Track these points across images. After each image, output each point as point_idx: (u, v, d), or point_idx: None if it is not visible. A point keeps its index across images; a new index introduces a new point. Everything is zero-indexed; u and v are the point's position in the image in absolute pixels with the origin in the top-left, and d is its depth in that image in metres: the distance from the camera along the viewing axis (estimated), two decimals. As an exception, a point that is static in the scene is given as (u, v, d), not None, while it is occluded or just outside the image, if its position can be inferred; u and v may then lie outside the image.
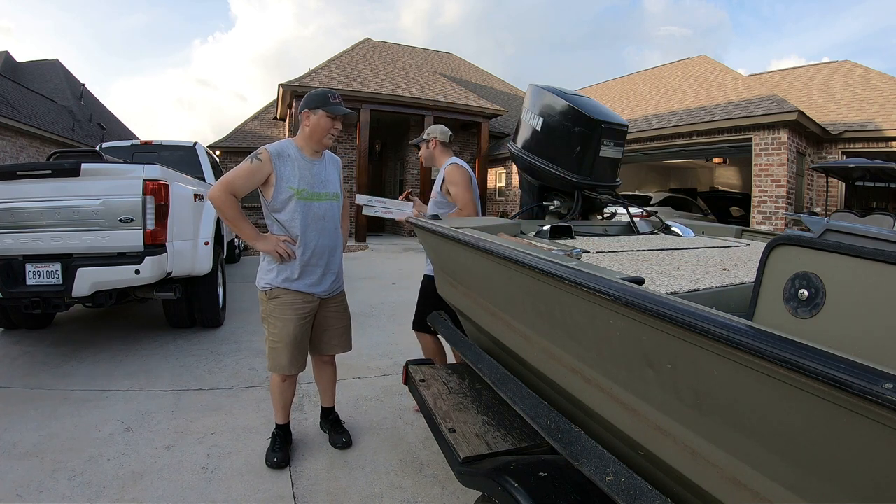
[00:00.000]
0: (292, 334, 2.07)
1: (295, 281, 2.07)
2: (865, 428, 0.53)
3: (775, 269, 0.78)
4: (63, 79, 18.44)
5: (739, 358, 0.66)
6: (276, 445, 2.20)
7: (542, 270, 1.06)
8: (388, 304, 5.38)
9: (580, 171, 2.28)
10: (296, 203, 2.02)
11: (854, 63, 12.75)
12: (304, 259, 2.06)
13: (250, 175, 1.97)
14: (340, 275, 2.27)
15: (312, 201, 2.06)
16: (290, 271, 2.06)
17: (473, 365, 1.63)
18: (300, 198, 2.02)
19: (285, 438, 2.26)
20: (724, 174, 15.92)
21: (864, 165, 7.49)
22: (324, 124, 2.04)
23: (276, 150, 2.01)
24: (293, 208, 2.02)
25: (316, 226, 2.08)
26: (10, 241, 3.09)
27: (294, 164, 2.03)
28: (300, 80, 11.80)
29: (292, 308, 2.07)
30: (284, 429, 2.27)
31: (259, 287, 2.12)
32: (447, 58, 21.16)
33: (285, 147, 2.05)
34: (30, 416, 2.57)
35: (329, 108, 2.03)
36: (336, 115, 2.04)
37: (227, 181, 1.97)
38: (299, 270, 2.06)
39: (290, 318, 2.07)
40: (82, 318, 4.66)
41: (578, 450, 1.04)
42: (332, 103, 2.05)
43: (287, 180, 2.01)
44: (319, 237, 2.09)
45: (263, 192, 2.05)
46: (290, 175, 2.01)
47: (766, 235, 2.31)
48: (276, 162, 1.99)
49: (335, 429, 2.39)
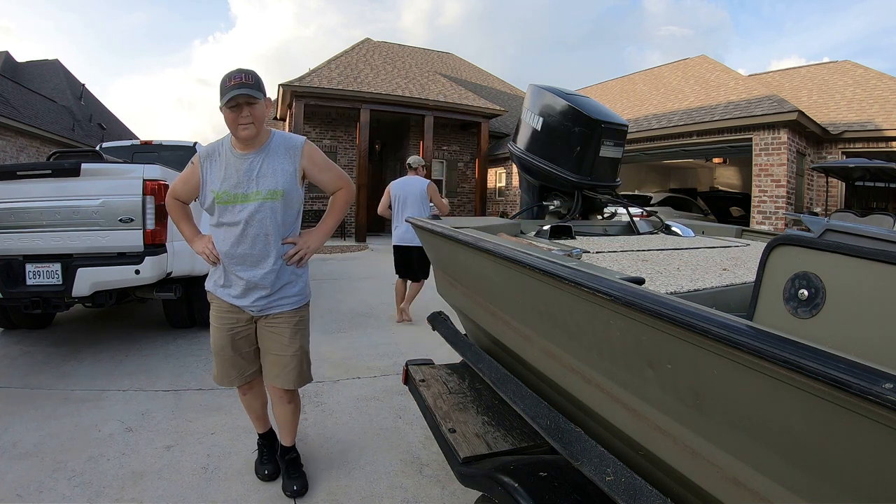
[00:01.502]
0: (218, 343, 1.90)
1: (220, 288, 1.89)
2: (865, 428, 0.53)
3: (775, 269, 0.78)
4: (63, 79, 18.44)
5: (739, 358, 0.66)
6: (263, 457, 2.12)
7: (542, 270, 1.06)
8: (388, 304, 5.38)
9: (580, 171, 2.29)
10: (218, 208, 1.80)
11: (854, 63, 12.76)
12: (223, 266, 1.86)
13: (186, 180, 1.88)
14: (284, 293, 1.87)
15: (234, 204, 1.78)
16: (217, 276, 1.89)
17: (473, 365, 1.63)
18: (220, 202, 1.79)
19: (271, 447, 2.14)
20: (724, 174, 15.92)
21: (864, 165, 7.49)
22: (228, 117, 1.72)
23: (206, 151, 1.84)
24: (218, 213, 1.81)
25: (232, 232, 1.79)
26: (10, 241, 3.09)
27: (221, 164, 1.81)
28: (300, 80, 11.80)
29: (218, 316, 1.90)
30: (267, 436, 2.15)
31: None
32: (447, 58, 21.16)
33: (218, 145, 1.85)
34: (30, 416, 2.57)
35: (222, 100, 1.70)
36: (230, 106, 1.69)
37: (171, 186, 1.95)
38: (223, 279, 1.87)
39: (216, 327, 1.90)
40: (82, 318, 4.66)
41: (578, 450, 1.04)
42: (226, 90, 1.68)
43: (210, 183, 1.81)
44: (237, 246, 1.79)
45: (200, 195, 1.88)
46: (213, 177, 1.81)
47: (766, 235, 2.31)
48: (203, 164, 1.83)
49: (289, 471, 2.02)
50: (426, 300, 4.68)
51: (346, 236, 12.96)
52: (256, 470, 2.11)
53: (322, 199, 13.19)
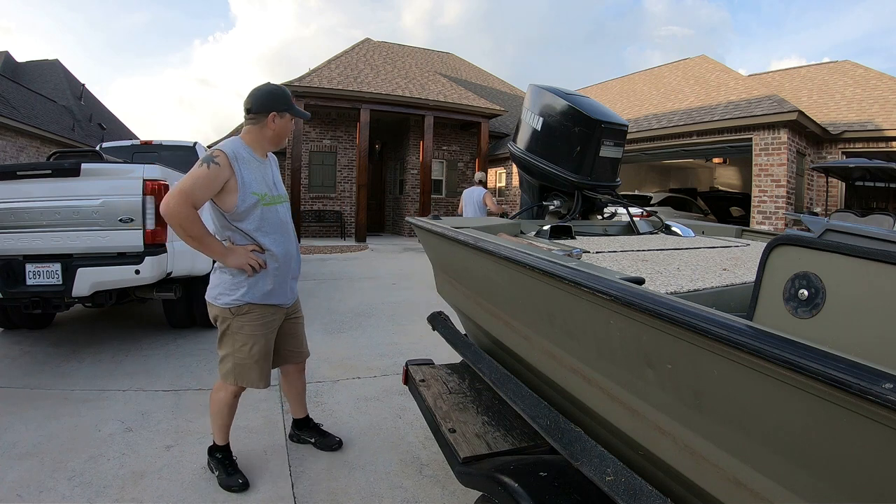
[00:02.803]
0: (265, 350, 1.93)
1: (269, 293, 1.90)
2: (865, 428, 0.53)
3: (775, 269, 0.78)
4: (63, 79, 18.44)
5: (739, 358, 0.66)
6: (229, 469, 2.01)
7: (542, 270, 1.06)
8: (388, 304, 5.38)
9: (580, 171, 2.28)
10: (262, 210, 1.84)
11: (854, 63, 12.75)
12: (276, 269, 1.89)
13: (210, 182, 1.73)
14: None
15: (276, 205, 1.91)
16: (263, 284, 1.87)
17: (473, 365, 1.63)
18: (265, 203, 1.84)
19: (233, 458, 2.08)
20: (724, 174, 15.93)
21: (864, 165, 7.48)
22: (287, 126, 1.92)
23: (231, 152, 1.79)
24: (259, 216, 1.83)
25: (283, 231, 1.92)
26: (10, 241, 3.09)
27: (250, 167, 1.84)
28: (300, 80, 11.79)
29: (263, 322, 1.91)
30: (228, 449, 2.08)
31: (221, 304, 1.87)
32: (447, 58, 21.16)
33: (237, 148, 1.83)
34: (30, 416, 2.56)
35: (296, 112, 1.94)
36: (303, 118, 2.04)
37: (185, 192, 1.68)
38: (273, 282, 1.89)
39: (262, 335, 1.91)
40: (82, 318, 4.66)
41: (578, 450, 1.04)
42: (296, 106, 1.96)
43: (250, 185, 1.81)
44: (286, 244, 1.93)
45: (219, 200, 1.79)
46: (251, 179, 1.82)
47: (766, 235, 2.31)
48: (234, 165, 1.78)
49: (322, 433, 2.32)
50: (426, 300, 4.68)
51: (345, 236, 12.96)
52: (227, 483, 1.97)
53: (322, 199, 13.20)
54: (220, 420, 2.05)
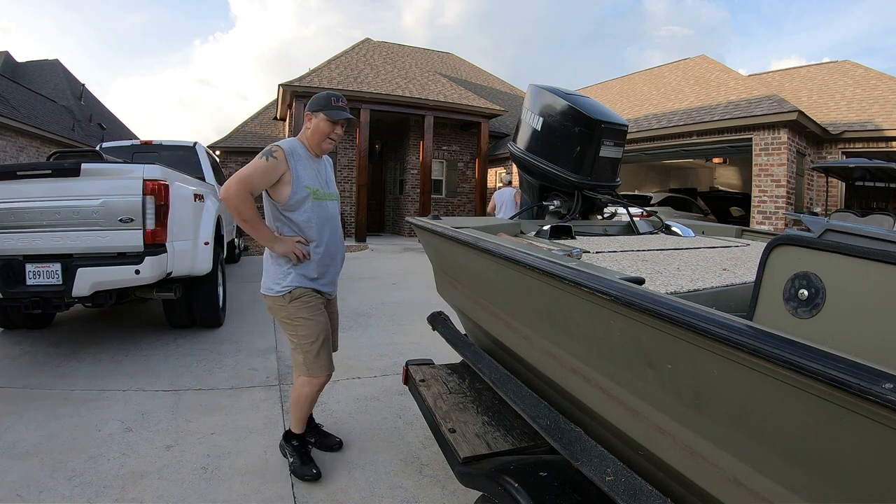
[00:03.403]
0: (324, 331, 2.03)
1: (313, 280, 2.03)
2: (865, 428, 0.53)
3: (775, 269, 0.78)
4: (63, 79, 18.43)
5: (739, 358, 0.66)
6: (305, 457, 2.11)
7: (542, 270, 1.06)
8: (388, 304, 5.38)
9: (580, 171, 2.29)
10: (312, 203, 2.00)
11: (854, 63, 12.75)
12: (320, 260, 2.03)
13: (267, 173, 1.92)
14: None
15: (325, 201, 2.06)
16: (307, 271, 2.01)
17: (473, 365, 1.63)
18: (315, 198, 2.01)
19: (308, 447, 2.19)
20: (724, 174, 15.92)
21: (864, 165, 7.48)
22: (323, 128, 2.01)
23: (289, 149, 1.97)
24: (309, 209, 1.99)
25: (329, 226, 2.07)
26: (10, 241, 3.09)
27: (305, 164, 2.01)
28: (300, 80, 11.80)
29: (315, 306, 2.02)
30: (304, 438, 2.19)
31: (274, 292, 2.00)
32: (447, 58, 21.15)
33: (295, 146, 2.02)
34: (30, 416, 2.56)
35: (329, 112, 2.00)
36: (336, 119, 2.01)
37: (244, 179, 1.88)
38: (317, 271, 2.03)
39: (316, 318, 2.01)
40: (82, 318, 4.66)
41: (578, 450, 1.04)
42: (334, 107, 2.01)
43: (304, 179, 1.98)
44: (332, 237, 2.07)
45: (273, 192, 1.97)
46: (304, 174, 1.98)
47: (766, 235, 2.31)
48: (290, 160, 1.95)
49: (322, 433, 2.35)
50: (426, 300, 4.68)
51: (346, 236, 12.94)
52: (301, 473, 2.05)
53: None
54: (300, 412, 2.13)
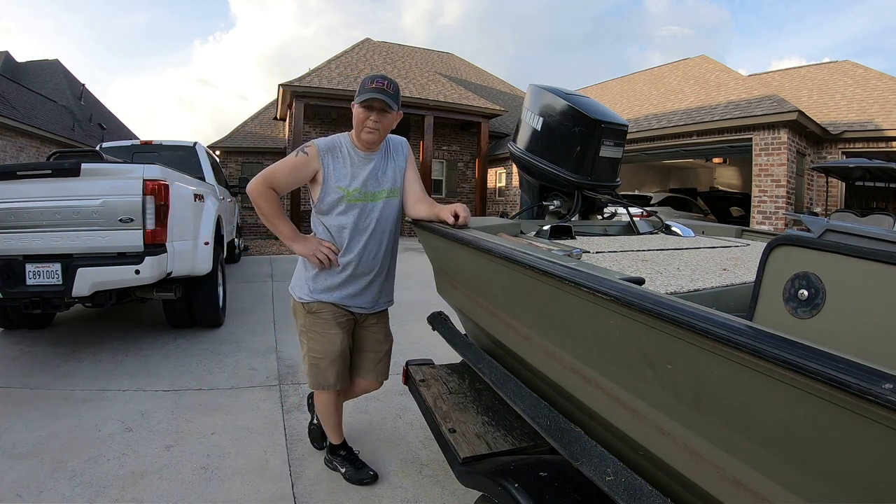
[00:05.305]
0: (338, 349, 1.85)
1: (334, 290, 1.84)
2: (865, 428, 0.53)
3: (775, 270, 0.78)
4: (63, 79, 18.43)
5: (739, 358, 0.66)
6: (357, 463, 2.06)
7: (542, 270, 1.06)
8: (388, 304, 5.38)
9: (580, 171, 2.29)
10: (346, 206, 1.78)
11: (854, 63, 12.76)
12: (346, 269, 1.83)
13: (293, 170, 1.76)
14: (387, 289, 1.97)
15: (366, 202, 1.80)
16: (329, 279, 1.83)
17: (473, 365, 1.63)
18: (350, 200, 1.78)
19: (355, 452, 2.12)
20: (724, 174, 15.93)
21: (864, 165, 7.49)
22: (358, 116, 1.74)
23: (326, 145, 1.79)
24: (342, 212, 1.78)
25: (367, 232, 1.82)
26: (10, 241, 3.08)
27: (346, 161, 1.79)
28: (300, 79, 11.80)
29: (335, 321, 1.85)
30: (347, 446, 2.12)
31: (295, 297, 1.89)
32: (447, 58, 21.16)
33: (338, 141, 1.81)
34: (30, 416, 2.56)
35: (359, 97, 1.73)
36: (363, 102, 1.72)
37: (267, 173, 1.76)
38: (340, 280, 1.83)
39: (334, 333, 1.84)
40: (82, 318, 4.66)
41: (578, 450, 1.04)
42: (363, 90, 1.73)
43: (337, 179, 1.77)
44: (368, 244, 1.83)
45: (311, 191, 1.83)
46: (340, 174, 1.77)
47: (766, 235, 2.31)
48: (324, 158, 1.76)
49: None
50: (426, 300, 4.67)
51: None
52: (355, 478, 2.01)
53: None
54: (328, 421, 2.05)
